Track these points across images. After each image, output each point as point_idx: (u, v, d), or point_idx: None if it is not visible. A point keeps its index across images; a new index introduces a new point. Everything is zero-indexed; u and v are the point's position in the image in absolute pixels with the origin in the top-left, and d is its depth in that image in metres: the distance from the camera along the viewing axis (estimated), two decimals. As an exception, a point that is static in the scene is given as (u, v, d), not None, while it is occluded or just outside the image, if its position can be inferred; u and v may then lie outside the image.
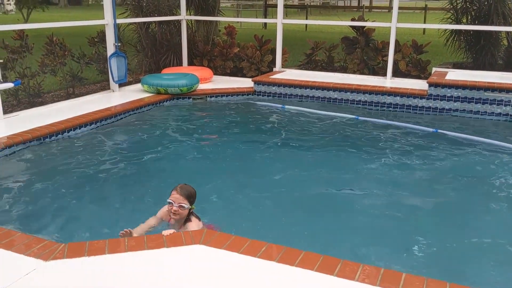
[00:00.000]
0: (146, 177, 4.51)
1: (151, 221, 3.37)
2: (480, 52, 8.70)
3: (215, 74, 8.66)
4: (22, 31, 6.62)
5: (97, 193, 4.14)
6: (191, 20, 9.41)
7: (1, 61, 5.65)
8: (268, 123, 6.48)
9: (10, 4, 30.33)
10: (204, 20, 9.45)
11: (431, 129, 5.97)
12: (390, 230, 3.58)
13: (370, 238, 3.44)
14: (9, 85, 5.71)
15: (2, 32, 5.71)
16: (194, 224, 3.26)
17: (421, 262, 3.14)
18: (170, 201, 3.21)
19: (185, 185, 3.31)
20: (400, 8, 7.90)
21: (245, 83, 8.07)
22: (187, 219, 3.27)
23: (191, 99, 7.30)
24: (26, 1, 23.96)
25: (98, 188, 4.24)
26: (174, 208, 3.20)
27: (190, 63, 9.16)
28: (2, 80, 5.60)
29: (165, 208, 3.33)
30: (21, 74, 6.58)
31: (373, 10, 32.64)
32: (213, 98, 7.47)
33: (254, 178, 4.53)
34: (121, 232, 3.04)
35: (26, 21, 22.67)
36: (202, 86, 7.70)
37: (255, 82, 7.76)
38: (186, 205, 3.22)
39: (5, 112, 5.85)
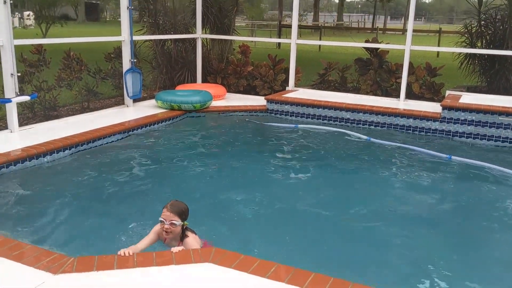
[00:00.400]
0: (158, 192, 4.52)
1: (146, 241, 3.24)
2: (494, 76, 8.65)
3: (228, 91, 8.73)
4: (40, 45, 6.75)
5: (108, 207, 4.15)
6: (206, 38, 9.52)
7: (19, 74, 5.74)
8: (280, 141, 6.48)
9: (29, 19, 31.03)
10: (219, 39, 9.56)
11: (444, 155, 5.88)
12: (402, 254, 3.53)
13: (382, 261, 3.39)
14: (26, 98, 5.80)
15: (21, 46, 5.83)
16: (192, 239, 3.21)
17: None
18: (162, 219, 3.16)
19: (176, 201, 3.26)
20: (414, 31, 7.91)
21: (258, 101, 8.11)
22: (184, 236, 3.22)
23: (204, 115, 7.34)
24: (45, 17, 24.53)
25: (109, 202, 4.25)
26: (166, 226, 3.14)
27: (204, 80, 9.24)
28: (19, 93, 5.69)
29: (158, 226, 3.26)
30: (38, 87, 6.69)
31: (387, 32, 32.81)
32: (225, 115, 7.51)
33: (264, 196, 4.51)
34: (119, 252, 2.94)
35: (44, 36, 23.13)
36: (215, 103, 7.75)
37: (268, 100, 7.79)
38: (178, 222, 3.15)
39: (21, 124, 5.93)
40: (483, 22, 8.93)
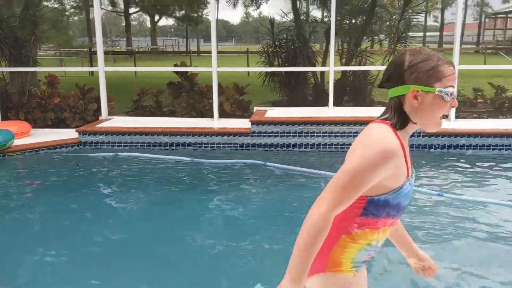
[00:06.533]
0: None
1: None
2: (292, 90, 9.69)
3: (34, 127, 8.03)
4: None
5: None
6: (2, 71, 8.63)
7: None
8: (97, 173, 6.20)
9: None
10: (19, 71, 8.75)
11: (260, 162, 6.38)
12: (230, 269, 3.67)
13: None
14: None
15: None
16: None
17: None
18: (448, 90, 1.64)
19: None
20: (224, 52, 8.38)
21: (70, 134, 7.63)
22: None
23: (4, 157, 6.61)
24: None
25: None
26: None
27: (5, 117, 8.34)
28: None
29: None
30: None
31: (201, 54, 34.05)
32: (32, 154, 6.89)
33: (78, 236, 4.27)
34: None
35: None
36: (18, 142, 7.05)
37: (80, 132, 7.40)
38: None
39: None
40: (277, 43, 9.94)
